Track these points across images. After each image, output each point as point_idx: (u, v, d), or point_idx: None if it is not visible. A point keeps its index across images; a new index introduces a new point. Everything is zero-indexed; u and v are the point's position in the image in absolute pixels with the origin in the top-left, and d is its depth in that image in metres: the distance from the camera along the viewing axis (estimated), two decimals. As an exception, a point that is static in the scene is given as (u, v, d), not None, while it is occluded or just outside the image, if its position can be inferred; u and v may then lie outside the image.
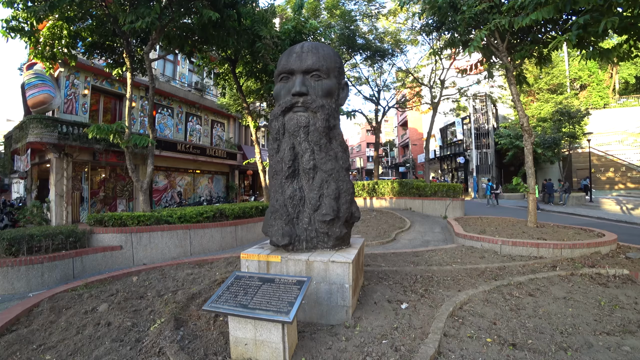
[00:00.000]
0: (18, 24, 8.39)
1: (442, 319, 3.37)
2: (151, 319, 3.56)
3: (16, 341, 3.16)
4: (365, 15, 15.76)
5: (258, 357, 2.54)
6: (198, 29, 8.37)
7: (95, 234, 7.11)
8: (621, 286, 4.93)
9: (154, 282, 4.97)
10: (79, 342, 3.09)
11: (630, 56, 6.79)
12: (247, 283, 2.78)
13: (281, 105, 3.67)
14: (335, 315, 3.30)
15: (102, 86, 16.55)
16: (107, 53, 10.54)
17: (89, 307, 3.99)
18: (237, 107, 15.26)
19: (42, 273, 6.11)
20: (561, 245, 6.48)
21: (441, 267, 5.60)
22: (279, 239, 3.49)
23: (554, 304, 4.08)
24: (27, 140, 13.33)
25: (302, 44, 3.72)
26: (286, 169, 3.64)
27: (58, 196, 14.23)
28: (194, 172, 20.62)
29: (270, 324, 2.44)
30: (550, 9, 6.51)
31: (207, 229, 7.97)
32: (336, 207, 3.54)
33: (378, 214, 13.88)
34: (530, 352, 2.90)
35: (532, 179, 8.69)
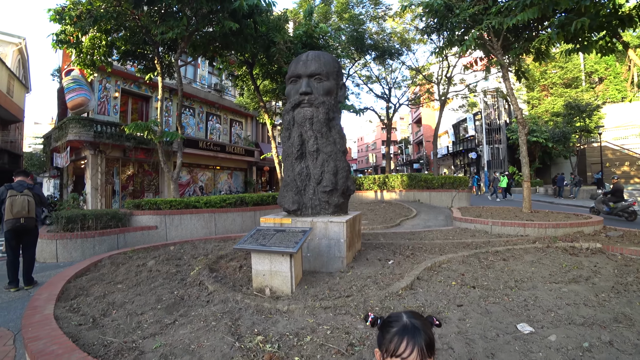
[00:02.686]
0: (65, 37, 9.62)
1: (419, 269, 4.23)
2: (190, 268, 4.58)
3: (92, 279, 4.23)
4: (372, 17, 16.57)
5: (272, 284, 3.49)
6: (219, 36, 9.42)
7: (134, 216, 8.25)
8: (590, 256, 5.61)
9: (188, 250, 6.01)
10: (139, 279, 4.13)
11: (612, 50, 7.39)
12: (265, 232, 3.74)
13: (291, 102, 4.62)
14: (333, 264, 4.22)
15: (131, 89, 17.94)
16: (139, 60, 11.73)
17: (140, 262, 5.04)
18: (254, 105, 16.33)
19: (94, 245, 7.27)
20: (546, 225, 7.17)
21: (432, 241, 6.43)
22: (290, 206, 4.45)
23: (520, 265, 4.86)
24: (67, 138, 14.75)
25: (307, 53, 4.65)
26: (295, 152, 4.57)
27: (93, 189, 15.63)
28: (214, 168, 21.88)
29: (281, 258, 3.39)
30: (535, 10, 7.19)
31: (229, 213, 9.03)
32: (334, 180, 4.46)
33: (387, 205, 14.66)
34: (483, 289, 3.73)
35: (527, 167, 9.34)
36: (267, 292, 3.44)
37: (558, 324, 2.81)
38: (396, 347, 0.98)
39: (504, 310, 3.10)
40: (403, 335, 0.99)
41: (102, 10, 9.05)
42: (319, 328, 2.64)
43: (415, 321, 1.03)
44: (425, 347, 0.97)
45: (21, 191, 5.14)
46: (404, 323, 1.02)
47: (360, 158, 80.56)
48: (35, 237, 5.52)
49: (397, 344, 0.98)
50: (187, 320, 2.86)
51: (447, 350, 2.36)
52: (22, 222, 5.06)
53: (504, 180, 19.84)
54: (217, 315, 2.92)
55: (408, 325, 1.01)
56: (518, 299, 3.40)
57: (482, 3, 8.72)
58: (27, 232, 5.26)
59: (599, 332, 2.66)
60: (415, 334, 0.99)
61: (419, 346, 0.97)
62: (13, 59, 26.04)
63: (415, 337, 0.98)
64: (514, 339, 2.51)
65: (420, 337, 0.98)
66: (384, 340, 1.03)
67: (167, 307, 3.18)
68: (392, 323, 1.04)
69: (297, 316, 2.89)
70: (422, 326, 1.02)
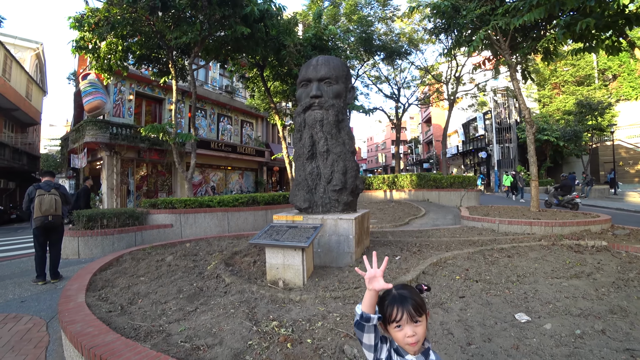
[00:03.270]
0: (84, 43, 10.02)
1: (425, 264, 4.42)
2: (206, 263, 4.84)
3: (116, 272, 4.52)
4: (381, 18, 16.73)
5: (285, 277, 3.72)
6: (231, 40, 9.71)
7: (150, 215, 8.59)
8: (595, 253, 5.70)
9: (203, 247, 6.28)
10: (160, 273, 4.40)
11: (619, 49, 7.42)
12: (278, 229, 3.97)
13: (302, 105, 4.84)
14: (343, 259, 4.43)
15: (144, 91, 18.42)
16: (153, 63, 12.11)
17: (159, 258, 5.33)
18: (265, 106, 16.63)
19: (113, 242, 7.62)
20: (552, 223, 7.25)
21: (439, 239, 6.59)
22: (302, 204, 4.68)
23: (524, 262, 5.00)
24: (84, 140, 15.26)
25: (317, 58, 4.87)
26: (306, 152, 4.80)
27: (109, 189, 16.11)
28: (225, 169, 22.27)
29: (294, 252, 3.62)
30: (541, 10, 7.27)
31: (242, 212, 9.31)
32: (344, 179, 4.67)
33: (396, 204, 14.80)
34: (485, 283, 3.90)
35: (535, 167, 9.40)
36: (280, 284, 3.67)
37: (555, 315, 2.98)
38: (390, 314, 1.21)
39: (503, 302, 3.27)
40: (393, 304, 1.21)
41: (119, 17, 9.43)
42: (329, 315, 2.85)
43: (402, 291, 1.24)
44: (413, 310, 1.19)
45: (48, 190, 5.48)
46: (392, 295, 1.24)
47: (370, 158, 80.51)
48: (62, 234, 5.86)
49: (391, 311, 1.21)
50: (208, 308, 3.10)
51: (447, 335, 2.55)
52: (50, 219, 5.39)
53: (508, 179, 19.82)
54: (234, 304, 3.16)
55: (396, 296, 1.23)
56: (518, 292, 3.56)
57: (490, 4, 8.83)
58: (54, 229, 5.59)
59: (593, 322, 2.82)
60: (402, 302, 1.20)
61: (407, 310, 1.19)
62: (31, 63, 26.88)
63: (403, 304, 1.20)
64: (511, 327, 2.69)
65: (407, 303, 1.20)
66: (383, 313, 1.25)
67: (188, 297, 3.43)
68: (385, 297, 1.26)
69: (308, 305, 3.11)
70: (409, 294, 1.23)
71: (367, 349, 1.26)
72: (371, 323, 1.21)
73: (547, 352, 2.30)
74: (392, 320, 1.20)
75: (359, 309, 1.24)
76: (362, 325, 1.22)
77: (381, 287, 1.25)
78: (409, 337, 1.19)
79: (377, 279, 1.26)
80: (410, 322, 1.19)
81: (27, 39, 26.81)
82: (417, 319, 1.19)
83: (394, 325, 1.21)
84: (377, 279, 1.26)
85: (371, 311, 1.23)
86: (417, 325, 1.20)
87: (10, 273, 6.63)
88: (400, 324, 1.20)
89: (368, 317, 1.21)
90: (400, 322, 1.19)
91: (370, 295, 1.24)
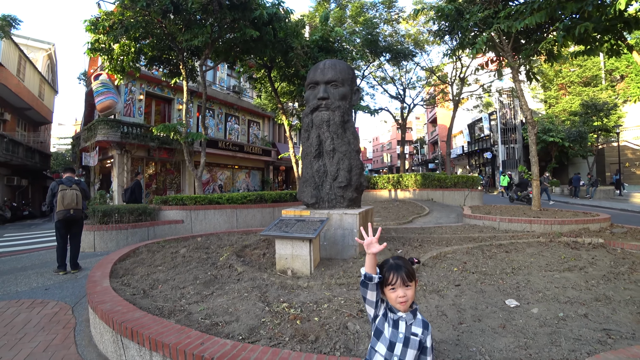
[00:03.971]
0: (99, 45, 10.40)
1: (425, 257, 4.67)
2: (219, 255, 5.14)
3: (134, 262, 4.83)
4: (386, 20, 16.96)
5: (294, 266, 4.00)
6: (240, 43, 10.02)
7: (162, 211, 8.92)
8: (591, 250, 5.89)
9: (214, 241, 6.59)
10: (175, 263, 4.71)
11: (619, 52, 7.60)
12: (287, 222, 4.25)
13: (310, 106, 5.12)
14: (347, 252, 4.70)
15: (154, 91, 18.83)
16: (164, 65, 12.46)
17: (173, 250, 5.64)
18: (272, 106, 16.95)
19: (127, 237, 7.96)
20: (552, 221, 7.45)
21: (440, 236, 6.82)
22: (309, 199, 4.95)
23: (521, 256, 5.22)
24: (96, 139, 15.68)
25: (324, 62, 5.14)
26: (314, 151, 5.07)
27: (120, 187, 16.52)
28: (232, 167, 22.64)
29: (302, 243, 3.89)
30: (542, 14, 7.47)
31: (250, 209, 9.61)
32: (349, 177, 4.93)
33: (400, 203, 15.01)
34: (481, 274, 4.15)
35: (536, 167, 9.58)
36: (289, 273, 3.95)
37: (543, 301, 3.22)
38: (387, 278, 1.51)
39: (496, 290, 3.52)
40: (390, 270, 1.52)
41: (132, 20, 9.78)
42: (334, 299, 3.12)
43: (397, 261, 1.55)
44: (405, 276, 1.49)
45: (70, 186, 5.81)
46: (390, 263, 1.55)
47: (375, 158, 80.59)
48: (81, 227, 6.20)
49: (388, 276, 1.51)
50: (223, 292, 3.39)
51: (441, 316, 2.81)
52: (72, 213, 5.73)
53: (505, 179, 20.05)
54: (247, 289, 3.44)
55: (393, 264, 1.54)
56: (511, 282, 3.80)
57: (492, 7, 9.03)
58: (75, 222, 5.93)
59: (578, 308, 3.06)
60: (397, 269, 1.51)
61: (400, 276, 1.49)
62: (43, 63, 27.46)
63: (398, 270, 1.50)
64: (500, 310, 2.94)
65: (401, 270, 1.50)
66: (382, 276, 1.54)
67: (204, 283, 3.73)
68: (384, 265, 1.57)
69: (315, 290, 3.39)
70: (402, 263, 1.53)
71: (369, 305, 1.56)
72: (373, 282, 1.51)
73: (531, 330, 2.55)
74: (388, 283, 1.50)
75: (363, 270, 1.55)
76: (366, 283, 1.53)
77: (377, 249, 1.57)
78: (400, 297, 1.49)
79: (373, 244, 1.59)
80: (403, 286, 1.49)
81: (39, 40, 27.42)
82: (408, 283, 1.50)
83: (389, 288, 1.51)
84: (373, 244, 1.59)
85: (373, 272, 1.54)
86: (408, 288, 1.50)
87: (31, 264, 7.00)
88: (394, 287, 1.49)
89: (370, 277, 1.52)
90: (394, 285, 1.49)
91: (370, 258, 1.56)
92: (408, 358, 1.48)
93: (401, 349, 1.48)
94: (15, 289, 5.27)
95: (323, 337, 2.39)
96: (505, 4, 9.42)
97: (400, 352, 1.48)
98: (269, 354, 2.03)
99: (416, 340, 1.50)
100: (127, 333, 2.51)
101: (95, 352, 3.13)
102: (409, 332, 1.50)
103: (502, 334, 2.48)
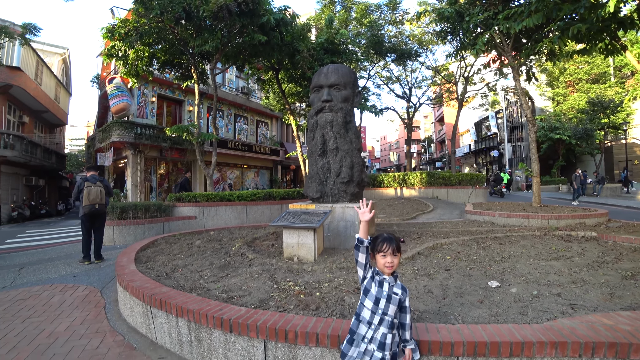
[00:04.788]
0: (115, 51, 10.95)
1: (422, 247, 5.04)
2: (231, 245, 5.58)
3: (155, 251, 5.30)
4: (390, 22, 17.29)
5: (299, 254, 4.41)
6: (249, 47, 10.47)
7: (176, 207, 9.42)
8: (583, 242, 6.15)
9: (226, 234, 7.04)
10: (192, 252, 5.16)
11: (613, 52, 7.82)
12: (294, 214, 4.67)
13: (315, 108, 5.53)
14: (349, 242, 5.09)
15: (165, 93, 19.43)
16: (176, 68, 12.98)
17: (188, 242, 6.11)
18: (280, 107, 17.41)
19: (144, 231, 8.47)
20: (548, 216, 7.72)
21: (440, 229, 7.17)
22: (314, 194, 5.36)
23: (512, 248, 5.54)
24: (111, 140, 16.30)
25: (328, 67, 5.55)
26: (318, 150, 5.47)
27: (133, 186, 17.13)
28: (242, 167, 23.19)
29: (307, 232, 4.30)
30: (540, 15, 7.74)
31: (259, 206, 10.07)
32: (351, 173, 5.33)
33: (405, 201, 15.33)
34: (472, 262, 4.50)
35: (536, 163, 9.83)
36: (295, 259, 4.36)
37: (523, 283, 3.57)
38: (381, 246, 1.92)
39: (482, 274, 3.88)
40: (384, 241, 1.94)
41: (147, 27, 10.30)
42: (334, 279, 3.53)
43: (390, 235, 1.97)
44: (394, 248, 1.92)
45: (95, 183, 6.32)
46: (384, 236, 1.97)
47: (383, 157, 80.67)
48: (104, 221, 6.72)
49: (381, 245, 1.93)
50: (237, 274, 3.82)
51: (427, 293, 3.19)
52: (96, 207, 6.23)
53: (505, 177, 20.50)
54: (258, 272, 3.86)
55: (386, 237, 1.96)
56: (498, 268, 4.16)
57: (492, 9, 9.32)
58: (99, 216, 6.45)
59: (553, 289, 3.40)
60: (390, 241, 1.93)
61: (391, 246, 1.91)
62: (58, 67, 28.33)
63: (390, 242, 1.92)
64: (482, 290, 3.31)
65: (392, 242, 1.93)
66: (375, 246, 1.96)
67: (219, 267, 4.16)
68: (379, 237, 1.99)
69: (318, 273, 3.79)
70: (393, 237, 1.96)
71: (360, 267, 1.99)
72: (364, 245, 1.95)
73: (505, 304, 2.92)
74: (380, 250, 1.92)
75: (357, 235, 1.99)
76: (359, 246, 1.97)
77: (368, 217, 2.05)
78: (388, 263, 1.91)
79: (365, 213, 2.07)
80: (391, 254, 1.91)
81: (54, 45, 28.36)
82: (396, 253, 1.93)
83: (381, 254, 1.93)
84: (366, 213, 2.07)
85: (365, 237, 1.99)
86: (395, 257, 1.93)
87: (57, 256, 7.54)
88: (385, 254, 1.92)
89: (362, 240, 1.97)
90: (386, 253, 1.91)
91: (363, 225, 2.05)
92: (390, 312, 1.87)
93: (384, 303, 1.88)
94: (47, 276, 5.79)
95: (322, 306, 2.79)
96: (505, 5, 9.68)
97: (384, 306, 1.88)
98: (276, 316, 2.44)
99: (397, 298, 1.90)
100: (157, 304, 2.95)
101: (125, 324, 3.59)
102: (391, 291, 1.90)
103: (478, 307, 2.86)
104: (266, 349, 2.34)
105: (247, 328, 2.35)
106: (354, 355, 1.87)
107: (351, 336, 1.93)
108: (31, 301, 4.51)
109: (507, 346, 2.04)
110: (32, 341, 3.32)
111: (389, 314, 1.86)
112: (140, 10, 9.88)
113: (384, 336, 1.84)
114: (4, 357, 3.04)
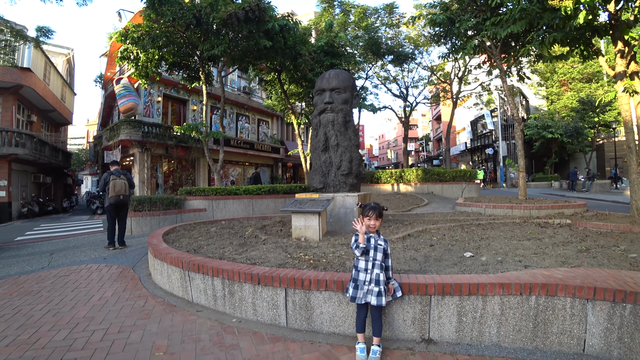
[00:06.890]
0: (127, 54, 11.63)
1: (412, 230, 5.77)
2: (244, 230, 6.31)
3: (177, 236, 6.02)
4: (387, 25, 18.03)
5: (306, 235, 5.13)
6: (254, 51, 11.18)
7: (187, 200, 10.14)
8: (557, 228, 6.89)
9: (236, 223, 7.75)
10: (210, 235, 5.89)
11: (589, 57, 8.55)
12: (301, 201, 5.40)
13: (318, 109, 6.26)
14: (348, 227, 5.82)
15: (170, 93, 20.10)
16: (183, 70, 13.67)
17: (205, 229, 6.83)
18: (281, 107, 18.12)
19: (159, 222, 9.18)
20: (530, 207, 8.47)
21: (430, 218, 7.91)
22: (317, 185, 6.09)
23: (493, 232, 6.25)
24: (119, 138, 16.97)
25: (329, 72, 6.27)
26: (321, 146, 6.20)
27: (140, 182, 17.80)
28: (243, 164, 23.90)
29: (312, 216, 5.03)
30: (523, 23, 8.45)
31: (264, 199, 10.80)
32: (350, 166, 6.06)
33: (401, 196, 16.05)
34: (454, 241, 5.23)
35: (522, 159, 10.58)
36: (302, 239, 5.09)
37: (493, 255, 4.30)
38: (367, 212, 2.65)
39: (460, 249, 4.61)
40: (370, 209, 2.66)
41: (158, 32, 10.98)
42: (337, 252, 4.26)
43: (375, 204, 2.69)
44: (377, 214, 2.64)
45: (119, 176, 7.03)
46: (370, 205, 2.68)
47: (381, 155, 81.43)
48: (127, 210, 7.43)
49: (368, 210, 2.65)
50: (255, 249, 4.55)
51: (412, 260, 3.92)
52: (121, 198, 6.94)
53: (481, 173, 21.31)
54: (272, 248, 4.60)
55: (372, 205, 2.68)
56: (475, 245, 4.89)
57: (482, 15, 10.04)
58: (123, 206, 7.16)
59: (516, 257, 4.13)
60: (375, 208, 2.66)
61: (375, 212, 2.64)
62: (63, 67, 28.92)
63: (374, 209, 2.65)
64: (457, 258, 4.05)
65: (376, 210, 2.66)
66: (363, 212, 2.66)
67: (239, 245, 4.89)
68: (367, 206, 2.70)
69: (323, 248, 4.52)
70: (377, 206, 2.68)
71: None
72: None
73: (474, 267, 3.65)
74: (367, 215, 2.64)
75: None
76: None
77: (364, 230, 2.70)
78: (372, 225, 2.62)
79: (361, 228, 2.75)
80: (375, 219, 2.62)
81: (59, 45, 28.92)
82: (378, 217, 2.66)
83: (367, 217, 2.65)
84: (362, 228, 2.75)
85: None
86: (378, 220, 2.65)
87: (81, 244, 8.25)
88: (370, 218, 2.63)
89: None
90: (370, 217, 2.63)
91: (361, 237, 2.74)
92: (378, 258, 2.61)
93: (373, 252, 2.61)
94: (79, 258, 6.51)
95: (328, 268, 3.52)
96: (493, 12, 10.40)
97: (373, 254, 2.61)
98: (294, 271, 3.18)
99: (381, 247, 2.63)
100: (195, 268, 3.68)
101: (161, 291, 4.32)
102: (376, 243, 2.64)
103: (451, 267, 3.59)
104: (286, 295, 3.07)
105: (272, 279, 3.08)
106: (359, 296, 2.61)
107: (355, 283, 2.66)
108: (73, 276, 5.23)
109: (466, 287, 2.77)
110: (87, 303, 4.04)
111: (378, 259, 2.60)
112: (152, 15, 10.56)
113: (377, 275, 2.59)
114: (69, 313, 3.75)
